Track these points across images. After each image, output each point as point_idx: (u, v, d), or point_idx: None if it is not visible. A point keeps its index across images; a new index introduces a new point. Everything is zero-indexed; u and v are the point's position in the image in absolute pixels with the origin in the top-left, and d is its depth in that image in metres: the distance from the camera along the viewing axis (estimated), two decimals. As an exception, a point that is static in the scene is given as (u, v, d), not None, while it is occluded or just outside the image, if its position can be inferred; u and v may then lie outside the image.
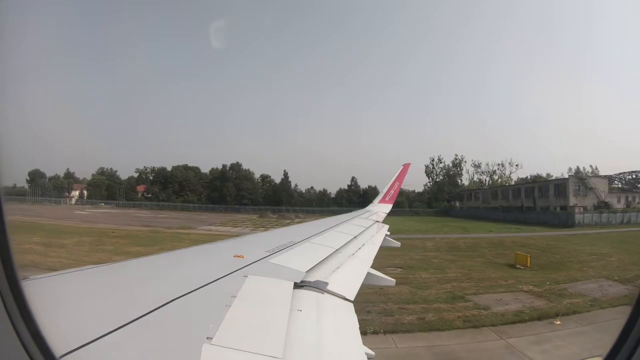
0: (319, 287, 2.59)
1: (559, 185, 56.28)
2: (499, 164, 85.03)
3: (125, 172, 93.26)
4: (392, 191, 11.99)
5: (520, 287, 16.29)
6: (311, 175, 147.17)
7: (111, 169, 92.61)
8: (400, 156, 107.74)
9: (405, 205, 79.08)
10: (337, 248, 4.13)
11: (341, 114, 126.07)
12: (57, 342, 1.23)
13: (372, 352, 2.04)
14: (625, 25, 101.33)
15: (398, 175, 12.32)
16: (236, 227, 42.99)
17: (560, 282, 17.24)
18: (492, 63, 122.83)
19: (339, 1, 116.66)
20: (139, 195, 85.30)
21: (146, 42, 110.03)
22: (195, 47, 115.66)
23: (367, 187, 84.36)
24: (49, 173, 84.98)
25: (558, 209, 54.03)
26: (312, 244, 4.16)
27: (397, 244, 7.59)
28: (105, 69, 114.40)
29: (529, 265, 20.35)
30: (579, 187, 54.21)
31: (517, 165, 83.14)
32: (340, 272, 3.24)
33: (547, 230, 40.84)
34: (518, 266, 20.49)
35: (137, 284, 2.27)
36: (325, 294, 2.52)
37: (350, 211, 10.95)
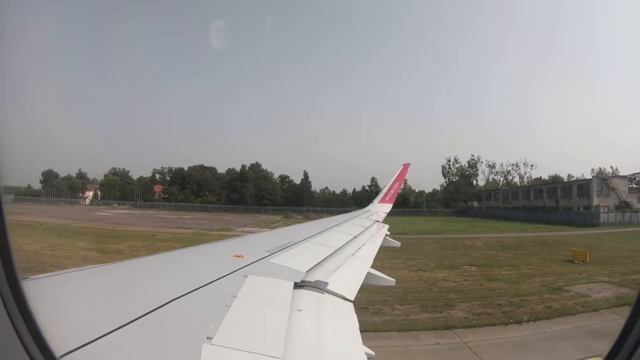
0: (319, 287, 2.58)
1: (582, 186, 57.35)
2: (513, 164, 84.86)
3: (132, 172, 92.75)
4: (392, 191, 11.99)
5: (598, 278, 17.17)
6: (321, 175, 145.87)
7: (123, 169, 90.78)
8: (408, 156, 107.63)
9: (424, 205, 79.14)
10: (337, 248, 4.13)
11: (349, 115, 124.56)
12: (57, 342, 1.23)
13: (372, 352, 2.04)
14: (626, 25, 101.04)
15: (398, 175, 12.32)
16: (272, 228, 42.63)
17: (627, 273, 18.08)
18: (496, 63, 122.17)
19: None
20: (156, 196, 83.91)
21: (149, 42, 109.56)
22: (198, 47, 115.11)
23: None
24: (61, 174, 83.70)
25: (581, 208, 55.03)
26: (312, 244, 4.16)
27: (397, 243, 7.59)
28: (108, 70, 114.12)
29: (587, 260, 20.92)
30: (601, 187, 55.07)
31: (531, 166, 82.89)
32: (341, 272, 3.24)
33: (575, 230, 41.22)
34: (576, 262, 21.12)
35: (137, 284, 2.27)
36: (325, 294, 2.51)
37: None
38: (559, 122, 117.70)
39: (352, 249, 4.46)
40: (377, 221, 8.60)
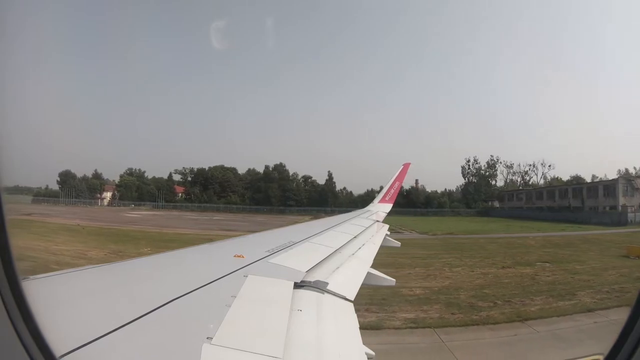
0: (319, 287, 2.58)
1: (608, 187, 58.71)
2: (530, 165, 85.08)
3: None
4: (392, 191, 11.98)
5: (666, 269, 18.44)
6: (339, 176, 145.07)
7: (139, 169, 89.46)
8: (421, 157, 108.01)
9: (447, 205, 79.48)
10: (337, 248, 4.13)
11: (365, 116, 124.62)
12: (57, 342, 1.23)
13: (372, 352, 2.04)
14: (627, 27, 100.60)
15: (398, 175, 12.30)
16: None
17: (687, 265, 19.22)
18: (510, 64, 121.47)
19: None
20: (179, 197, 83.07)
21: (157, 42, 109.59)
22: (201, 47, 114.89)
23: (409, 187, 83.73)
24: (76, 175, 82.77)
25: (608, 208, 56.36)
26: (312, 243, 4.16)
27: (397, 243, 7.58)
28: (116, 70, 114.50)
29: None
30: (626, 187, 56.21)
31: (549, 166, 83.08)
32: (341, 272, 3.24)
33: (605, 229, 41.94)
34: (631, 257, 21.83)
35: (137, 284, 2.27)
36: (325, 294, 2.51)
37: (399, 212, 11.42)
38: (573, 123, 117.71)
39: (352, 249, 4.46)
40: (377, 221, 8.59)
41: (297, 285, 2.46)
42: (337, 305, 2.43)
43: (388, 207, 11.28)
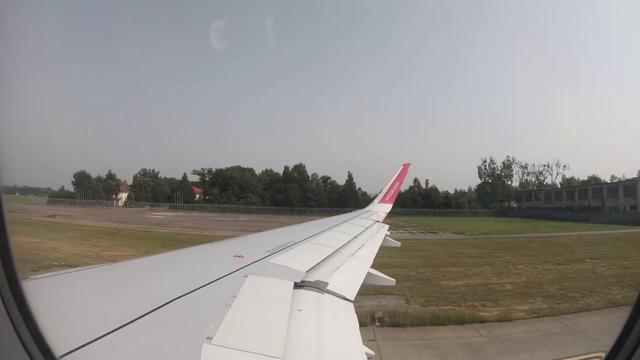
0: (319, 287, 2.58)
1: (628, 187, 59.01)
2: (544, 165, 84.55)
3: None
4: (392, 191, 11.99)
5: None
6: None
7: (153, 170, 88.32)
8: (432, 158, 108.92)
9: (465, 206, 79.26)
10: (337, 248, 4.13)
11: (368, 115, 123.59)
12: (57, 342, 1.23)
13: (372, 352, 2.04)
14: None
15: (398, 175, 12.32)
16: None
17: None
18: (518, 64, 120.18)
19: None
20: (197, 197, 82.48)
21: (153, 41, 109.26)
22: (203, 47, 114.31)
23: (429, 187, 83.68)
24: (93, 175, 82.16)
25: (628, 208, 56.72)
26: (312, 244, 4.16)
27: (397, 244, 7.58)
28: (108, 70, 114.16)
29: None
30: None
31: (564, 166, 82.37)
32: (341, 272, 3.24)
33: (629, 228, 42.15)
34: None
35: (137, 284, 2.27)
36: (325, 294, 2.51)
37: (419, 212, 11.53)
38: (586, 123, 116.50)
39: (352, 249, 4.46)
40: (377, 221, 8.60)
41: (297, 285, 2.46)
42: (337, 305, 2.43)
43: (388, 207, 11.30)
